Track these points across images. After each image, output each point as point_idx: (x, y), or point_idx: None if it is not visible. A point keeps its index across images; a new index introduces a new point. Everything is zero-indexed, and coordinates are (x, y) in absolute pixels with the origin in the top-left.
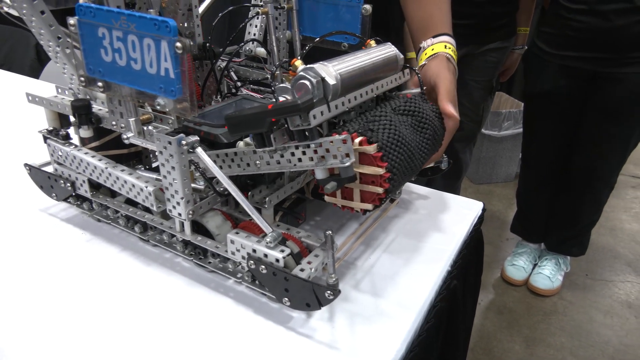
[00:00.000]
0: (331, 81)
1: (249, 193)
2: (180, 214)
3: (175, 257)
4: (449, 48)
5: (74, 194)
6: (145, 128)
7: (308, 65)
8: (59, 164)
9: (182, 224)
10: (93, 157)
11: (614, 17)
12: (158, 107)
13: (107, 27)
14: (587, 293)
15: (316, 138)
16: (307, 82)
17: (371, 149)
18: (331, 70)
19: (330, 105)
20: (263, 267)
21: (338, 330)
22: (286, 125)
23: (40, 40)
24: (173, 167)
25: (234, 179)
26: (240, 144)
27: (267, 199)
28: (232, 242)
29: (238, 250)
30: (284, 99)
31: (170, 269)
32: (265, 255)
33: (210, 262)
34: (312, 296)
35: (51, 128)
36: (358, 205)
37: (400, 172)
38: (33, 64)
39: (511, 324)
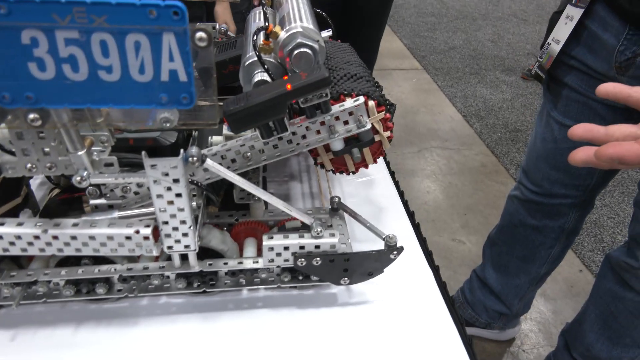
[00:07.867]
0: (322, 43)
1: (234, 191)
2: (188, 246)
3: (157, 300)
4: None
5: None
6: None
7: (289, 32)
8: None
9: (181, 257)
10: (2, 224)
11: None
12: (165, 125)
13: (44, 28)
14: None
15: (330, 109)
16: (308, 50)
17: (382, 114)
18: (310, 31)
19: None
20: (318, 259)
21: (382, 286)
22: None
23: None
24: (179, 194)
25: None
26: (218, 138)
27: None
28: (271, 249)
29: (279, 255)
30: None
31: (164, 314)
32: (317, 247)
33: (227, 283)
34: (375, 264)
35: None
36: (370, 160)
37: None
38: None
39: None
